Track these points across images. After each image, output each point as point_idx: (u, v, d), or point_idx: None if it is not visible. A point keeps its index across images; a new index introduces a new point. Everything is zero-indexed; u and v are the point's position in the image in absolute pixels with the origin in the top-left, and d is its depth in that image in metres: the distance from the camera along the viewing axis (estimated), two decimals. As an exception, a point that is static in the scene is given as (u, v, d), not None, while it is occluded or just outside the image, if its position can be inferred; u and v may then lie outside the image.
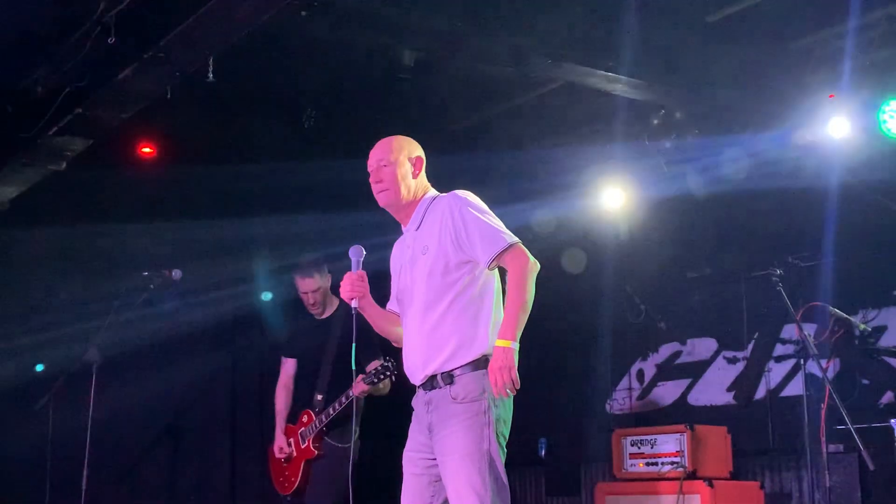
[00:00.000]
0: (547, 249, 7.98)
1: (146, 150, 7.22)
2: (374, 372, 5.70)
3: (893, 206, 6.86)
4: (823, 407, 5.80)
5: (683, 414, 8.01)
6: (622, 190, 8.05)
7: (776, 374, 7.59)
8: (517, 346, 3.69)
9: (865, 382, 6.99)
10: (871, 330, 6.76)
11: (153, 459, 7.55)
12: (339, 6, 5.49)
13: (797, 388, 6.97)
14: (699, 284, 8.27)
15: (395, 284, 4.13)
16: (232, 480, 7.81)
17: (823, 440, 5.81)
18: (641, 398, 8.60)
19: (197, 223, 7.98)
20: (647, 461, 7.14)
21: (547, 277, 3.85)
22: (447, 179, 4.18)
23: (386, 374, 5.67)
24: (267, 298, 8.12)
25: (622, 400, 8.73)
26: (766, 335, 7.69)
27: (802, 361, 5.98)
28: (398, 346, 4.12)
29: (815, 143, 6.67)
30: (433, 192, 4.10)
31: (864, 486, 6.74)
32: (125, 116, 6.16)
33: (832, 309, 6.21)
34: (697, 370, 8.20)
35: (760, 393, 7.69)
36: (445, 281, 3.84)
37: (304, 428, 6.21)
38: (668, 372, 8.44)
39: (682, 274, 8.35)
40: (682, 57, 6.34)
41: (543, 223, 8.14)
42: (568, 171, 8.00)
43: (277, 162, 7.65)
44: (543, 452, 9.00)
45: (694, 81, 6.45)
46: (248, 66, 6.27)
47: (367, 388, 5.91)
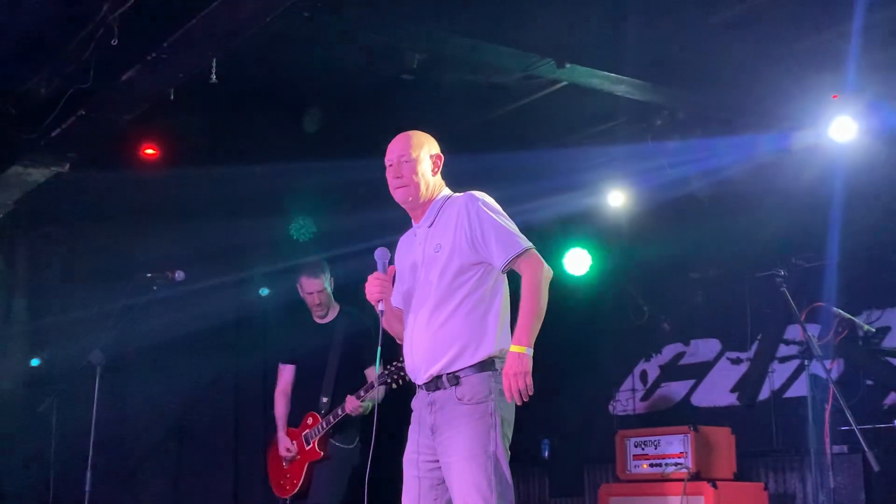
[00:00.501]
0: (550, 250, 8.00)
1: (149, 151, 7.22)
2: (382, 375, 5.68)
3: (896, 206, 6.86)
4: (827, 408, 5.79)
5: (687, 415, 8.00)
6: (625, 191, 8.06)
7: (780, 374, 7.59)
8: (531, 351, 3.68)
9: (869, 383, 6.99)
10: (875, 331, 6.74)
11: (157, 461, 7.54)
12: (342, 7, 5.49)
13: (801, 388, 6.97)
14: (703, 285, 8.26)
15: (399, 280, 4.11)
16: (236, 482, 7.81)
17: (827, 441, 5.79)
18: (645, 399, 8.60)
19: (200, 224, 7.98)
20: (650, 462, 7.14)
21: (551, 276, 3.85)
22: (450, 180, 4.16)
23: (394, 377, 5.66)
24: (264, 294, 8.10)
25: (626, 401, 8.73)
26: (769, 336, 7.68)
27: (806, 362, 5.95)
28: (401, 342, 4.10)
29: (818, 143, 6.67)
30: (448, 191, 4.09)
31: (868, 487, 6.72)
32: (129, 118, 6.16)
33: (836, 310, 6.20)
34: (701, 371, 8.19)
35: (764, 394, 7.68)
36: (457, 281, 3.83)
37: (308, 430, 6.21)
38: (671, 373, 8.43)
39: (685, 275, 8.34)
40: (685, 58, 6.33)
41: (547, 224, 8.14)
42: (571, 171, 8.00)
43: (281, 163, 7.65)
44: (547, 453, 9.00)
45: (697, 82, 6.45)
46: (251, 67, 6.27)
47: (360, 406, 5.94)
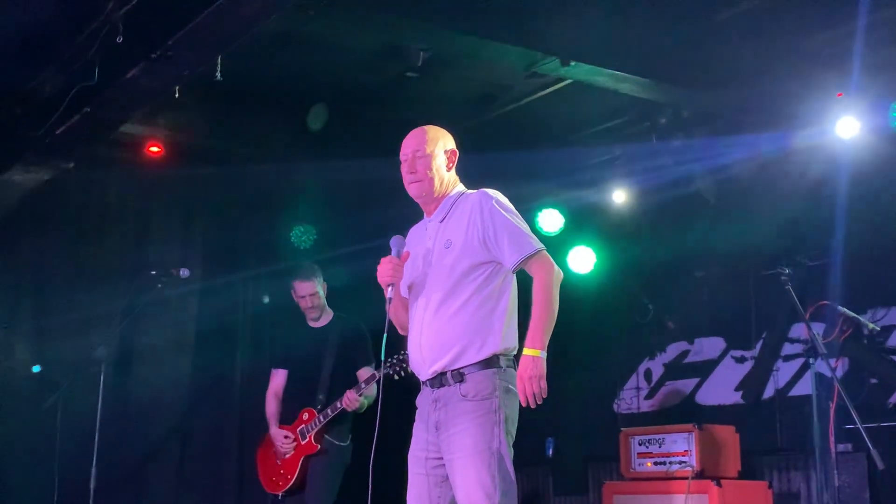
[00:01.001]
0: (555, 248, 7.99)
1: (154, 149, 7.23)
2: (391, 363, 5.69)
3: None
4: (832, 406, 5.79)
5: (691, 413, 7.98)
6: (630, 189, 8.05)
7: (784, 373, 7.57)
8: (545, 355, 3.71)
9: (874, 382, 6.97)
10: (879, 329, 6.73)
11: (161, 458, 7.55)
12: (347, 5, 5.49)
13: (806, 387, 6.94)
14: (707, 283, 8.24)
15: (406, 274, 4.09)
16: (240, 480, 7.81)
17: (832, 440, 5.79)
18: (649, 397, 8.59)
19: (204, 222, 7.99)
20: (655, 460, 7.13)
21: (562, 278, 3.85)
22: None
23: (399, 367, 5.67)
24: (266, 301, 8.10)
25: (630, 399, 8.72)
26: (774, 334, 7.66)
27: (811, 361, 5.95)
28: (403, 333, 4.10)
29: (823, 142, 6.66)
30: (462, 187, 4.09)
31: (872, 485, 6.72)
32: (133, 115, 6.16)
33: (841, 308, 6.19)
34: (705, 369, 8.18)
35: (769, 392, 7.66)
36: (465, 277, 3.83)
37: (304, 425, 6.24)
38: (676, 371, 8.42)
39: (689, 273, 8.33)
40: (690, 56, 6.32)
41: (551, 222, 8.14)
42: (576, 169, 8.00)
43: (285, 161, 7.66)
44: (551, 452, 8.99)
45: (702, 80, 6.44)
46: (256, 65, 6.27)
47: (358, 400, 5.97)
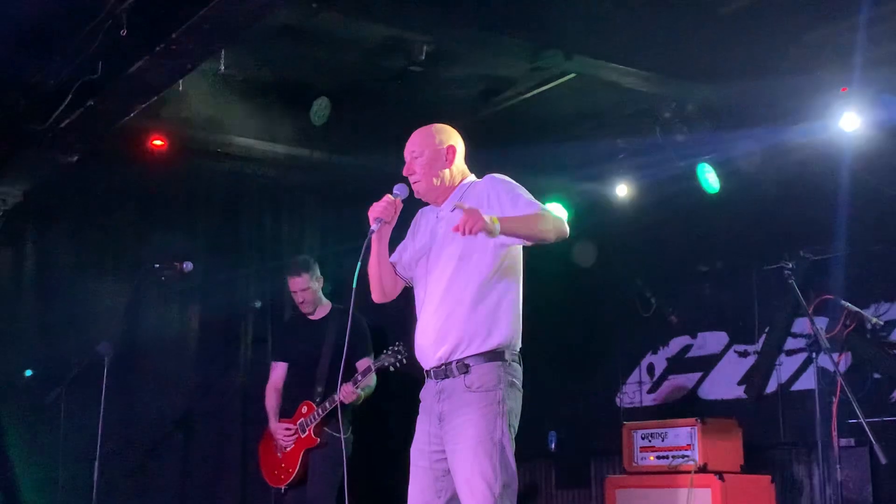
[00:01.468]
0: (558, 242, 7.98)
1: (157, 142, 7.23)
2: (388, 353, 5.71)
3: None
4: (835, 401, 5.79)
5: (694, 407, 7.99)
6: (633, 183, 8.05)
7: (787, 367, 7.58)
8: (498, 229, 3.57)
9: (877, 376, 6.98)
10: (883, 324, 6.72)
11: (165, 453, 7.54)
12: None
13: (809, 381, 6.95)
14: (710, 278, 8.25)
15: (408, 246, 4.16)
16: (243, 474, 7.81)
17: (835, 434, 5.80)
18: (652, 391, 8.59)
19: (208, 216, 7.99)
20: (657, 454, 7.14)
21: (558, 270, 3.86)
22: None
23: (395, 358, 5.69)
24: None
25: (633, 393, 8.73)
26: (777, 329, 7.67)
27: (814, 355, 5.96)
28: (378, 298, 4.15)
29: (827, 136, 6.67)
30: (472, 177, 4.12)
31: (875, 479, 6.72)
32: (137, 109, 6.16)
33: (844, 302, 6.20)
34: (708, 364, 8.19)
35: (772, 387, 7.67)
36: (474, 266, 3.85)
37: (303, 418, 6.26)
38: (678, 365, 8.43)
39: (693, 267, 8.33)
40: (694, 50, 6.31)
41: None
42: (579, 163, 8.00)
43: (290, 155, 7.65)
44: (554, 445, 9.00)
45: (706, 74, 6.44)
46: (259, 58, 6.27)
47: (354, 393, 5.97)
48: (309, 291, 6.42)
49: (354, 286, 3.97)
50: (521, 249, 3.99)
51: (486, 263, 3.85)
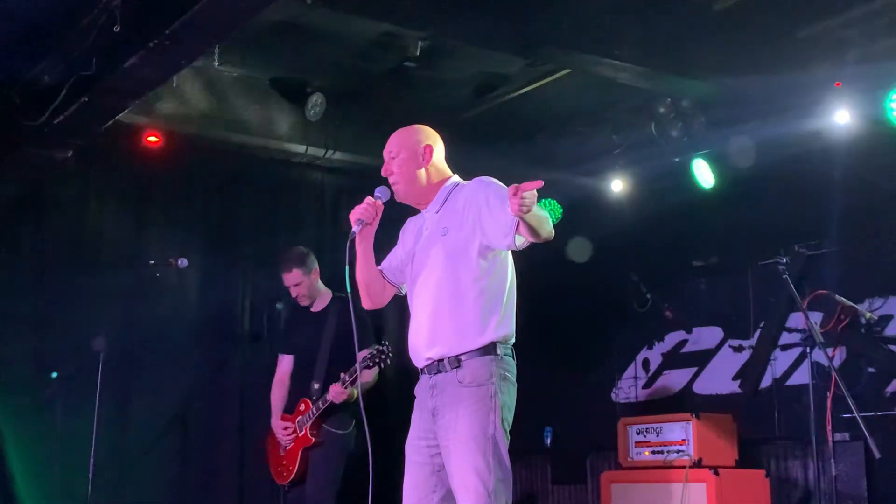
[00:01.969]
0: (553, 238, 7.98)
1: (152, 138, 7.23)
2: (366, 358, 5.69)
3: (900, 193, 6.86)
4: (829, 395, 5.81)
5: (689, 402, 8.01)
6: (628, 178, 8.06)
7: (782, 362, 7.58)
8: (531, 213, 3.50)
9: (871, 371, 6.98)
10: (877, 318, 6.74)
11: (161, 449, 7.53)
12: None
13: (803, 376, 6.96)
14: (705, 273, 8.25)
15: (397, 255, 4.15)
16: (240, 471, 7.81)
17: (829, 429, 5.81)
18: (647, 387, 8.60)
19: (203, 212, 7.98)
20: (652, 449, 7.15)
21: (553, 266, 3.85)
22: (452, 167, 4.17)
23: (379, 359, 5.67)
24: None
25: (628, 388, 8.73)
26: (772, 324, 7.67)
27: (808, 350, 5.97)
28: (367, 304, 4.15)
29: (821, 131, 6.67)
30: (456, 178, 4.10)
31: (869, 474, 6.73)
32: (131, 105, 6.16)
33: (838, 297, 6.20)
34: (703, 359, 8.19)
35: (766, 381, 7.67)
36: (463, 264, 3.83)
37: (301, 416, 6.23)
38: (673, 360, 8.43)
39: (687, 262, 8.33)
40: (689, 45, 6.32)
41: (549, 212, 8.14)
42: (575, 159, 8.00)
43: (284, 150, 7.65)
44: (549, 441, 9.01)
45: (701, 70, 6.44)
46: (254, 54, 6.27)
47: (345, 393, 5.94)
48: (303, 286, 6.37)
49: (349, 291, 3.94)
50: None
51: (473, 262, 3.83)
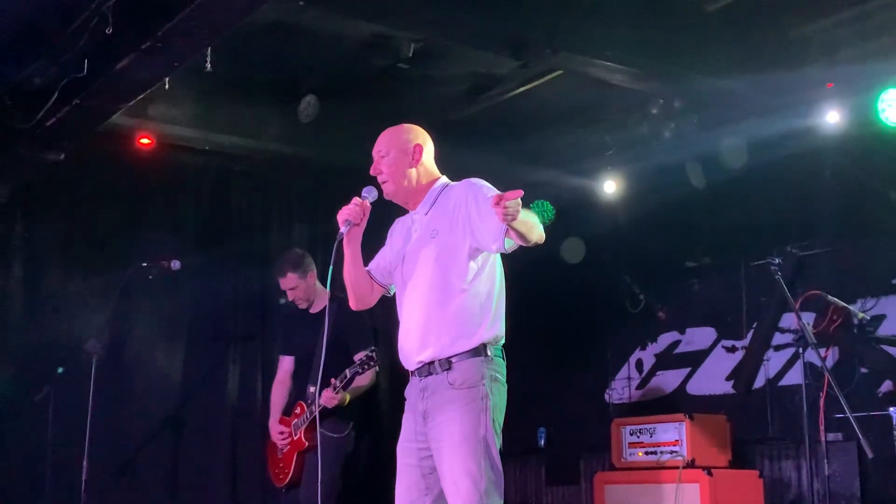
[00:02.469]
0: (545, 239, 7.98)
1: (144, 140, 7.22)
2: (358, 364, 5.70)
3: (892, 194, 6.87)
4: (822, 396, 5.81)
5: (682, 403, 8.02)
6: (621, 179, 8.06)
7: (775, 362, 7.60)
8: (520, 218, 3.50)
9: (864, 371, 7.00)
10: (869, 318, 6.76)
11: (154, 450, 7.53)
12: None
13: (796, 376, 6.98)
14: (698, 273, 8.27)
15: (385, 255, 4.13)
16: (234, 472, 7.80)
17: (822, 429, 5.81)
18: (640, 387, 8.61)
19: (196, 214, 7.97)
20: (646, 450, 7.16)
21: (546, 267, 3.84)
22: (445, 168, 4.16)
23: (368, 365, 5.67)
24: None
25: (621, 389, 8.75)
26: (764, 324, 7.69)
27: (801, 350, 5.97)
28: (354, 305, 4.15)
29: (813, 131, 6.68)
30: (445, 179, 4.08)
31: (862, 474, 6.75)
32: (123, 107, 6.15)
33: (831, 298, 6.21)
34: (696, 359, 8.21)
35: (759, 382, 7.69)
36: (453, 267, 3.82)
37: (297, 419, 6.22)
38: (667, 361, 8.45)
39: (680, 263, 8.35)
40: (680, 46, 6.33)
41: (542, 213, 8.14)
42: (567, 159, 8.01)
43: (276, 151, 7.65)
44: (543, 442, 9.01)
45: (693, 71, 6.45)
46: (245, 56, 6.26)
47: (337, 398, 5.92)
48: (299, 289, 6.36)
49: (328, 288, 3.98)
50: None
51: (462, 264, 3.82)
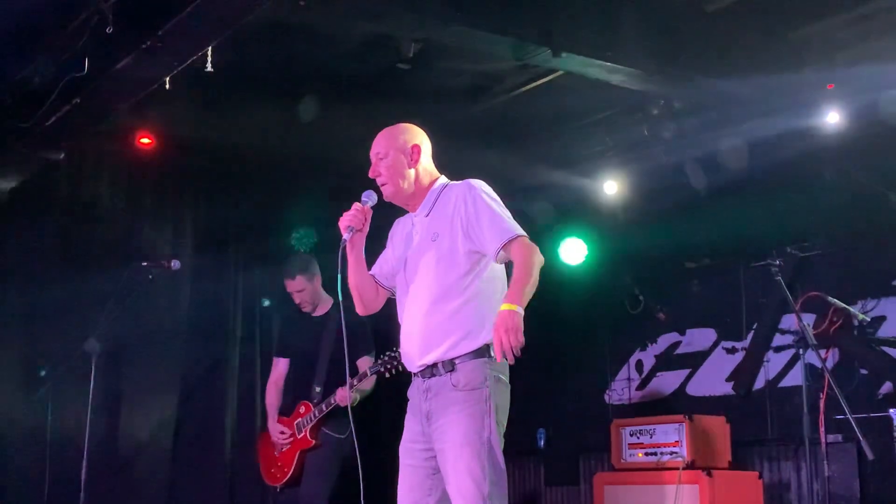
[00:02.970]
0: (546, 240, 8.00)
1: (144, 140, 7.22)
2: (385, 359, 5.71)
3: (892, 195, 6.86)
4: (822, 397, 5.81)
5: (682, 404, 8.02)
6: (621, 180, 8.06)
7: (775, 364, 7.60)
8: (523, 311, 3.56)
9: (864, 372, 7.00)
10: (870, 320, 6.76)
11: (152, 450, 7.53)
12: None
13: (796, 378, 6.97)
14: (698, 274, 8.27)
15: (388, 257, 4.12)
16: (232, 472, 7.81)
17: (822, 430, 5.81)
18: (640, 388, 8.61)
19: (195, 213, 7.97)
20: (645, 451, 7.15)
21: (546, 268, 3.83)
22: (445, 169, 4.16)
23: (391, 365, 5.68)
24: (265, 304, 8.07)
25: (621, 390, 8.74)
26: (765, 325, 7.69)
27: (801, 351, 5.96)
28: (360, 310, 4.14)
29: (813, 132, 6.68)
30: (444, 179, 4.06)
31: (862, 475, 6.75)
32: (123, 106, 6.15)
33: (831, 299, 6.21)
34: (696, 360, 8.21)
35: (759, 383, 7.69)
36: (454, 270, 3.81)
37: (300, 418, 6.24)
38: (667, 362, 8.45)
39: (680, 264, 8.35)
40: (681, 47, 6.33)
41: (542, 213, 8.15)
42: (567, 160, 8.00)
43: (276, 152, 7.64)
44: (543, 443, 9.01)
45: (693, 71, 6.45)
46: (246, 56, 6.25)
47: (352, 396, 5.95)
48: (306, 292, 6.40)
49: (341, 299, 3.90)
50: None
51: (463, 266, 3.81)
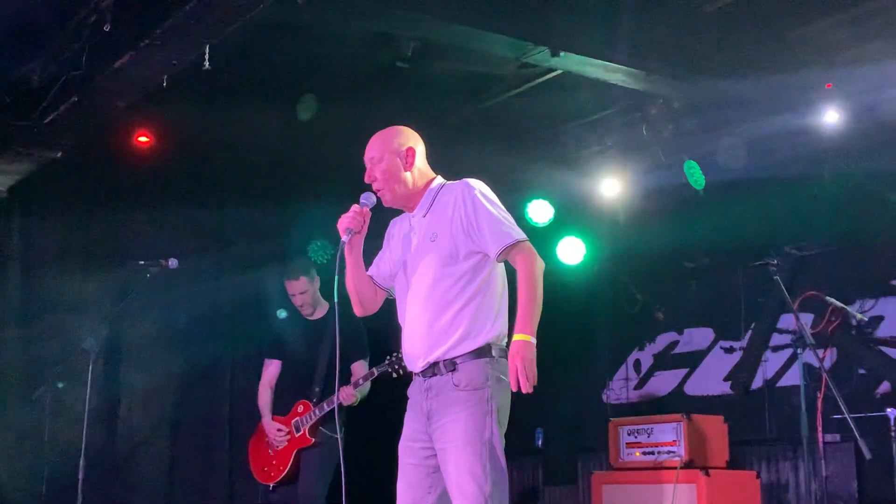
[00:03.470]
0: (544, 239, 8.01)
1: (143, 138, 7.22)
2: (390, 361, 5.73)
3: (890, 195, 6.87)
4: (820, 396, 5.82)
5: (680, 403, 8.02)
6: (620, 179, 8.05)
7: (773, 363, 7.61)
8: (535, 341, 3.67)
9: (862, 372, 7.01)
10: (868, 319, 6.77)
11: (150, 450, 7.53)
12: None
13: (794, 377, 6.98)
14: (696, 274, 8.27)
15: (385, 260, 4.12)
16: (230, 471, 7.81)
17: (820, 430, 5.82)
18: (638, 388, 8.61)
19: (193, 212, 7.96)
20: (643, 450, 7.15)
21: (545, 268, 3.84)
22: (444, 168, 4.16)
23: (392, 368, 5.70)
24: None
25: (619, 390, 8.75)
26: (763, 325, 7.70)
27: (799, 351, 5.97)
28: (359, 311, 4.14)
29: (812, 132, 6.68)
30: (441, 179, 4.06)
31: (860, 475, 6.75)
32: (122, 105, 6.14)
33: (829, 298, 6.22)
34: (694, 360, 8.21)
35: (757, 383, 7.70)
36: (453, 270, 3.82)
37: (299, 417, 6.26)
38: (665, 362, 8.45)
39: (679, 264, 8.35)
40: (680, 47, 6.33)
41: (541, 213, 8.15)
42: (566, 160, 8.00)
43: (275, 150, 7.64)
44: (541, 442, 9.02)
45: (692, 71, 6.45)
46: (245, 54, 6.25)
47: (354, 395, 6.02)
48: (308, 294, 6.45)
49: (337, 300, 3.88)
50: None
51: (463, 266, 3.82)
